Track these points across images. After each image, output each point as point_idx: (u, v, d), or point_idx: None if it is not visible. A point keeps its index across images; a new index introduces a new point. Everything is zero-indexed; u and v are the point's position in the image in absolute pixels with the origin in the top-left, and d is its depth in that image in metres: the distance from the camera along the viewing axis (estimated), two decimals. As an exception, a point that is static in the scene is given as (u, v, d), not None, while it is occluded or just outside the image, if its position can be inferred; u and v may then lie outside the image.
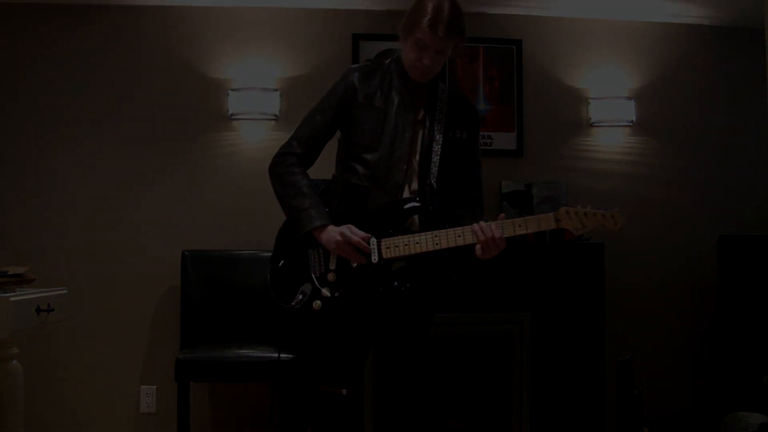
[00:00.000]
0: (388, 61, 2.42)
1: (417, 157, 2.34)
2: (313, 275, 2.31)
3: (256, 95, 3.96)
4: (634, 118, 4.25)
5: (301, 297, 2.28)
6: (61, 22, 3.98)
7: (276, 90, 4.00)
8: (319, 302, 2.27)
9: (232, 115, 3.99)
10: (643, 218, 4.25)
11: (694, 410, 4.19)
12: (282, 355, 3.31)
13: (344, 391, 2.33)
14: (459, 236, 2.21)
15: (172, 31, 4.04)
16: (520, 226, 2.18)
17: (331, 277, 2.29)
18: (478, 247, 2.20)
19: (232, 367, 3.39)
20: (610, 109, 4.22)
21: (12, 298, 2.53)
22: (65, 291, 2.92)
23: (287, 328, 3.39)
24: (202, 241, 3.90)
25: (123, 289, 3.91)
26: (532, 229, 2.17)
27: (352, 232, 2.25)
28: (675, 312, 4.27)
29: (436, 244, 2.22)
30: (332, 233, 2.25)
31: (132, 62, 4.01)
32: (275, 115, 4.01)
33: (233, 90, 3.98)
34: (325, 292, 2.27)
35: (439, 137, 2.34)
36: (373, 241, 2.26)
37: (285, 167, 2.35)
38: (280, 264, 2.37)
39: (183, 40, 4.04)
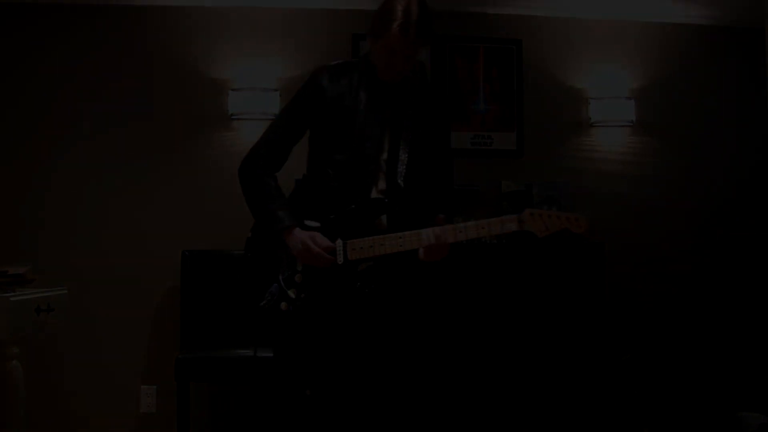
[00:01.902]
0: (356, 60, 2.42)
1: (385, 156, 2.33)
2: (280, 276, 2.31)
3: (256, 95, 3.96)
4: (634, 118, 4.25)
5: (269, 298, 2.28)
6: (62, 21, 3.98)
7: (276, 90, 4.00)
8: (286, 303, 2.27)
9: (232, 115, 4.00)
10: (643, 218, 4.25)
11: (694, 410, 4.19)
12: (260, 353, 3.28)
13: (308, 392, 2.33)
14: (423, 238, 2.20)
15: (172, 31, 4.04)
16: (482, 228, 2.17)
17: (298, 278, 2.29)
18: (421, 250, 2.19)
19: (232, 367, 3.38)
20: (610, 109, 4.22)
21: (12, 298, 2.54)
22: (65, 291, 2.92)
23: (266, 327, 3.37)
24: (202, 241, 3.90)
25: (123, 289, 3.91)
26: (495, 231, 2.17)
27: (315, 242, 2.24)
28: (675, 311, 4.27)
29: (400, 245, 2.21)
30: (296, 240, 2.25)
31: (132, 62, 4.01)
32: (275, 115, 4.00)
33: (233, 90, 3.98)
34: (291, 293, 2.27)
35: (407, 135, 2.33)
36: (339, 242, 2.25)
37: (253, 170, 2.37)
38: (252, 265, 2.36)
39: (183, 40, 4.04)
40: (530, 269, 3.79)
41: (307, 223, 2.31)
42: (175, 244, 3.86)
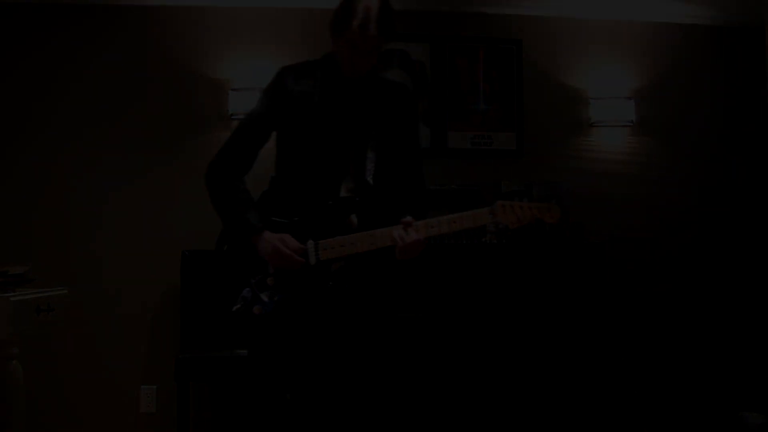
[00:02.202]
0: (320, 59, 2.40)
1: (353, 154, 2.31)
2: (251, 280, 2.28)
3: (256, 95, 3.91)
4: (634, 118, 4.25)
5: (241, 302, 2.27)
6: (62, 21, 3.98)
7: (276, 90, 4.00)
8: (259, 307, 2.25)
9: (232, 115, 3.99)
10: (643, 218, 4.25)
11: (694, 410, 4.19)
12: (238, 352, 3.27)
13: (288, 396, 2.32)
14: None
15: (172, 31, 4.04)
16: (454, 222, 2.16)
17: (270, 281, 2.27)
18: (399, 248, 2.17)
19: (232, 367, 3.38)
20: (610, 109, 4.22)
21: (12, 298, 2.54)
22: (65, 291, 2.92)
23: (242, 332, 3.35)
24: (202, 241, 3.88)
25: (123, 289, 3.91)
26: (468, 224, 2.16)
27: (285, 244, 2.22)
28: (675, 312, 4.27)
29: (372, 243, 2.19)
30: (266, 243, 2.23)
31: (132, 62, 4.01)
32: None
33: (233, 90, 3.98)
34: (264, 297, 2.25)
35: (374, 133, 2.31)
36: (311, 242, 2.24)
37: (220, 174, 2.36)
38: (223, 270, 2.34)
39: (183, 40, 4.04)
40: (530, 269, 3.79)
41: (276, 219, 2.29)
42: (175, 244, 3.86)
